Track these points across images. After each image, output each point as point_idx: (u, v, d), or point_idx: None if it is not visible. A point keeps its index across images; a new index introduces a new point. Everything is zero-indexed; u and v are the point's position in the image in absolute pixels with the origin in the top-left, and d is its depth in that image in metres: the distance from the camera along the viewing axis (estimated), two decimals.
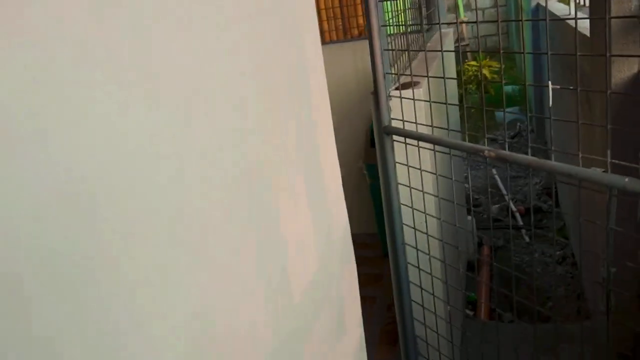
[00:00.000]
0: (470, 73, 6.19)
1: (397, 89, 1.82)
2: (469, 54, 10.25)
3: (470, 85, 6.26)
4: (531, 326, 2.66)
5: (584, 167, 1.22)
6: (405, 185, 1.79)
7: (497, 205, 4.45)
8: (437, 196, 1.69)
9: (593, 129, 2.00)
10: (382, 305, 3.09)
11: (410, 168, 1.76)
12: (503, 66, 1.40)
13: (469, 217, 4.02)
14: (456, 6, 10.95)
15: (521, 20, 1.23)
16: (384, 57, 1.74)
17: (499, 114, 6.36)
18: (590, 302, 3.02)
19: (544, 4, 4.52)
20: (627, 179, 1.12)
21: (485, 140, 1.39)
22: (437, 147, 1.62)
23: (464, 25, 10.43)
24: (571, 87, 1.18)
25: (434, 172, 1.68)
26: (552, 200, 4.37)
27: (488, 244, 3.93)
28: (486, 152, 1.38)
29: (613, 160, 1.15)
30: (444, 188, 2.00)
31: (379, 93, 1.73)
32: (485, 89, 6.63)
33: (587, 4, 2.76)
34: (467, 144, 1.47)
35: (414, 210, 1.79)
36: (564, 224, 4.13)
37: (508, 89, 7.23)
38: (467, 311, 3.27)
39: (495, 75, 6.50)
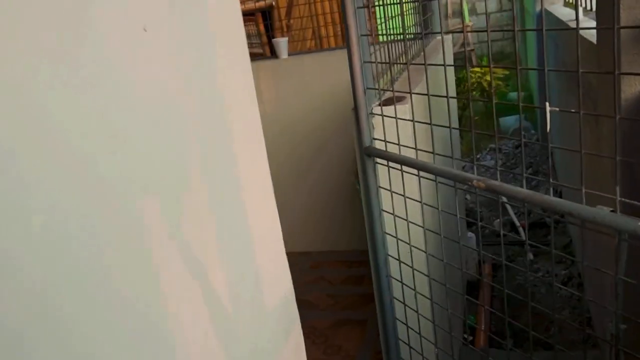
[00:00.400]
0: (474, 80, 6.00)
1: (380, 105, 1.63)
2: (474, 59, 10.07)
3: (474, 92, 6.06)
4: (531, 354, 2.46)
5: (588, 203, 1.03)
6: (389, 213, 1.61)
7: (497, 220, 4.25)
8: (422, 227, 1.50)
9: (602, 161, 1.81)
10: (373, 329, 2.90)
11: (395, 194, 1.57)
12: (498, 76, 1.22)
13: (470, 234, 3.83)
14: (460, 11, 10.77)
15: (514, 30, 1.04)
16: (365, 70, 1.55)
17: (503, 121, 6.17)
18: (598, 329, 2.82)
19: (548, 9, 4.32)
20: None
21: (475, 170, 1.20)
22: (423, 173, 1.43)
23: (469, 29, 10.23)
24: (573, 110, 0.99)
25: (421, 199, 1.49)
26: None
27: (489, 262, 3.73)
28: (475, 181, 1.19)
29: (623, 199, 0.96)
30: (434, 215, 1.81)
31: (359, 110, 1.55)
32: (488, 96, 6.44)
33: (594, 8, 2.57)
34: (455, 171, 1.28)
35: (401, 240, 1.61)
36: (570, 240, 3.93)
37: (513, 95, 7.03)
38: (466, 336, 3.08)
39: (500, 82, 6.30)
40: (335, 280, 3.50)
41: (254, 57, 3.99)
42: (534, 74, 6.09)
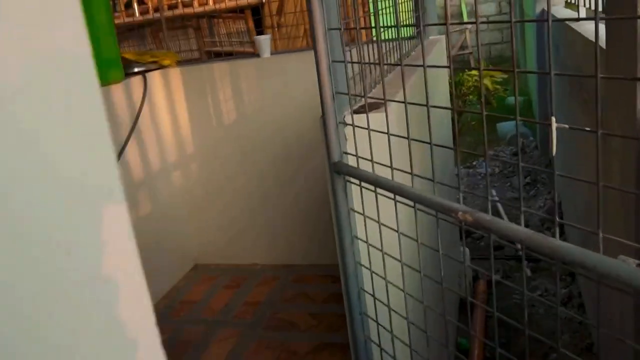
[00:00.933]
0: (470, 83, 5.76)
1: (350, 113, 1.39)
2: (471, 62, 9.84)
3: (470, 97, 5.82)
4: None
5: (601, 250, 0.79)
6: (363, 241, 1.36)
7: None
8: (400, 260, 1.25)
9: (611, 179, 1.57)
10: None
11: (369, 219, 1.33)
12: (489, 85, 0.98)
13: (462, 248, 3.59)
14: (459, 13, 10.57)
15: (510, 22, 0.80)
16: (336, 71, 1.31)
17: (500, 127, 5.93)
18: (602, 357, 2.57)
19: (551, 9, 4.08)
20: None
21: (461, 197, 0.96)
22: (400, 198, 1.19)
23: (467, 32, 10.01)
24: (587, 129, 0.75)
25: (397, 228, 1.25)
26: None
27: (484, 279, 3.49)
28: (460, 214, 0.95)
29: None
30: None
31: (327, 119, 1.31)
32: (487, 100, 6.19)
33: (601, 8, 2.33)
34: (437, 198, 1.03)
35: (376, 274, 1.36)
36: None
37: (512, 100, 6.79)
38: None
39: (498, 86, 6.06)
40: (318, 298, 3.26)
41: (239, 55, 3.73)
42: (533, 77, 5.85)
